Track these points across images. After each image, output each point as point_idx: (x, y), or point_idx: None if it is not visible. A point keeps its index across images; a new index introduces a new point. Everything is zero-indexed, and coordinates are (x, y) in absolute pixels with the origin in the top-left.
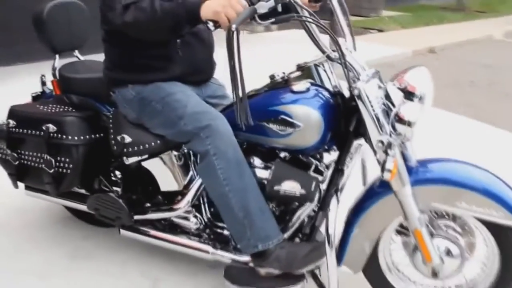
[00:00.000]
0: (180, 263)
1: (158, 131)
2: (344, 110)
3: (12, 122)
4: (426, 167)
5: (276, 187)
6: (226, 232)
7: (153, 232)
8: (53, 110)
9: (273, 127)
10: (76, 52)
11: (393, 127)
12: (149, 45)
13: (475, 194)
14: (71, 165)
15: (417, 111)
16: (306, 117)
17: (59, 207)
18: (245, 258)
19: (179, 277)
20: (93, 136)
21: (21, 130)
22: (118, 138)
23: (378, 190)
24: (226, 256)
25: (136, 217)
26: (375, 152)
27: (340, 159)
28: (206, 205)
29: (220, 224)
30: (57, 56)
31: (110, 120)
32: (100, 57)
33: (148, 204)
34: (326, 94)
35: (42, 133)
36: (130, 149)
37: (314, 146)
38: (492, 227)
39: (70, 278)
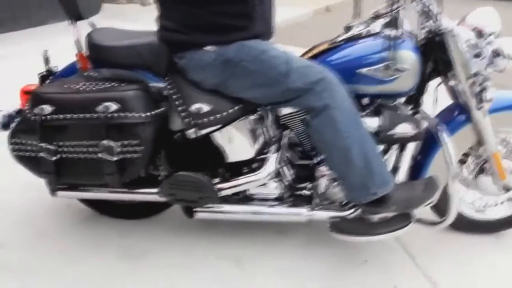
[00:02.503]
0: (246, 236)
1: (249, 93)
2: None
3: (47, 108)
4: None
5: (390, 132)
6: (306, 192)
7: (236, 207)
8: (100, 87)
9: (379, 74)
10: (91, 19)
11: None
12: (228, 3)
13: None
14: (139, 148)
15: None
16: (409, 61)
17: (70, 206)
18: (345, 212)
19: (256, 250)
20: (157, 110)
21: (63, 115)
22: (192, 108)
23: (457, 121)
24: (323, 215)
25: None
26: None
27: (417, 100)
28: (286, 167)
29: (301, 185)
30: (77, 24)
31: (173, 91)
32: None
33: (228, 177)
34: (413, 38)
35: (98, 114)
36: (207, 119)
37: (411, 89)
38: None
39: (140, 280)
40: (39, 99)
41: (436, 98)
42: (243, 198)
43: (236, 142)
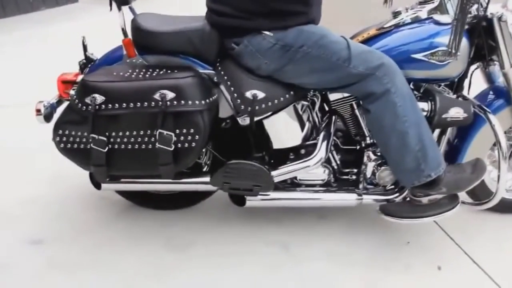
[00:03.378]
0: (289, 222)
1: (307, 79)
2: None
3: (99, 98)
4: None
5: (444, 115)
6: (352, 177)
7: (287, 194)
8: (153, 75)
9: (432, 59)
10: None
11: None
12: None
13: None
14: (196, 136)
15: None
16: (461, 47)
17: (104, 199)
18: (393, 195)
19: (301, 235)
20: (212, 98)
21: (117, 105)
22: (247, 95)
23: (495, 105)
24: (371, 199)
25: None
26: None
27: (460, 85)
28: (334, 152)
29: (346, 170)
30: (123, 9)
31: (226, 77)
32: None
33: (276, 164)
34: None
35: (155, 103)
36: (262, 106)
37: (460, 73)
38: None
39: (191, 269)
40: (90, 88)
41: (470, 82)
42: (291, 184)
43: (283, 129)
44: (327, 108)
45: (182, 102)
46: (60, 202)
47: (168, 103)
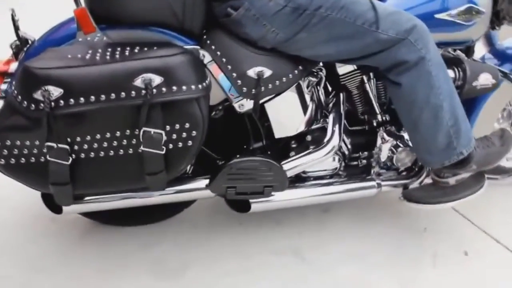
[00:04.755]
0: (292, 222)
1: (323, 49)
2: None
3: (55, 91)
4: None
5: (474, 83)
6: (362, 162)
7: (299, 192)
8: (126, 54)
9: (458, 18)
10: None
11: None
12: None
13: None
14: (193, 132)
15: None
16: (487, 3)
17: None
18: (416, 179)
19: (310, 236)
20: (207, 81)
21: (82, 99)
22: (250, 73)
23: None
24: (392, 184)
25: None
26: None
27: (470, 49)
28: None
29: (356, 155)
30: None
31: (219, 52)
32: None
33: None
34: None
35: (137, 92)
36: (268, 86)
37: (482, 35)
38: None
39: None
40: (40, 78)
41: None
42: (297, 179)
43: (283, 113)
44: (329, 86)
45: (174, 88)
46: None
47: (155, 90)
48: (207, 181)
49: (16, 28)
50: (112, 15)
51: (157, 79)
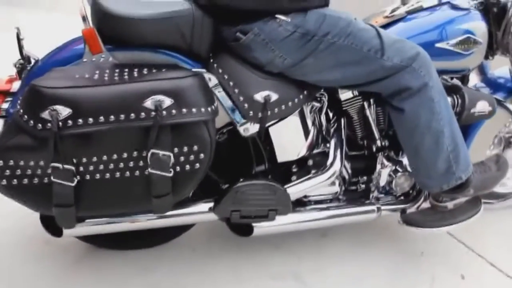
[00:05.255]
0: (290, 246)
1: (329, 75)
2: None
3: (64, 110)
4: None
5: (472, 110)
6: (361, 186)
7: (301, 216)
8: (134, 75)
9: (457, 48)
10: None
11: None
12: None
13: None
14: (201, 155)
15: None
16: (484, 34)
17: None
18: (414, 203)
19: (309, 260)
20: (215, 104)
21: (91, 119)
22: (257, 97)
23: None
24: (391, 209)
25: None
26: None
27: (467, 77)
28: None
29: (355, 180)
30: None
31: (227, 76)
32: None
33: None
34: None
35: (147, 113)
36: (275, 110)
37: (478, 64)
38: None
39: None
40: (48, 98)
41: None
42: (297, 203)
43: (284, 137)
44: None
45: (184, 110)
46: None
47: (165, 112)
48: (209, 205)
49: (21, 47)
50: (120, 37)
51: (167, 101)
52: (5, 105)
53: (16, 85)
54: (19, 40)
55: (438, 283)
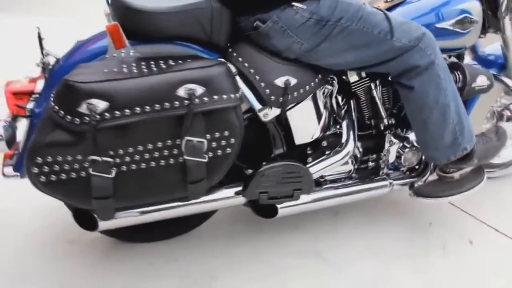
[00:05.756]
0: (307, 226)
1: (342, 58)
2: None
3: (101, 104)
4: None
5: (473, 85)
6: (372, 164)
7: (322, 194)
8: (162, 67)
9: (456, 27)
10: None
11: None
12: None
13: None
14: (232, 140)
15: None
16: (479, 13)
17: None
18: (423, 176)
19: (327, 238)
20: (241, 90)
21: (128, 111)
22: (278, 82)
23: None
24: (401, 183)
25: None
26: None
27: (461, 55)
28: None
29: (367, 157)
30: None
31: (247, 64)
32: None
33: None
34: None
35: (180, 102)
36: (294, 94)
37: (475, 41)
38: None
39: None
40: (84, 92)
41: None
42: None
43: (300, 120)
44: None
45: (215, 97)
46: (18, 261)
47: (197, 100)
48: (235, 189)
49: (42, 46)
50: (143, 31)
51: (199, 89)
52: (30, 105)
53: (39, 85)
54: (40, 39)
55: (449, 249)
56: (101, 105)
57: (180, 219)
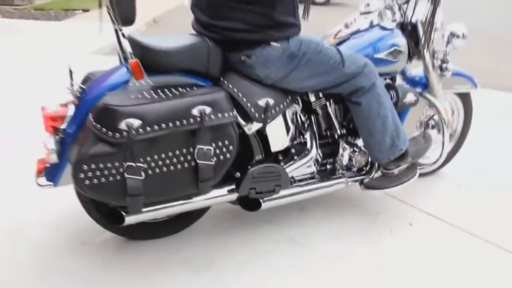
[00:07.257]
0: (279, 218)
1: (307, 82)
2: None
3: (136, 122)
4: None
5: (404, 100)
6: (329, 166)
7: (295, 190)
8: (177, 93)
9: (389, 57)
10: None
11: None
12: (285, 3)
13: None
14: (230, 147)
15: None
16: (404, 45)
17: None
18: (370, 174)
19: (297, 228)
20: (235, 110)
21: (156, 127)
22: (260, 103)
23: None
24: (354, 180)
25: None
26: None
27: (393, 78)
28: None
29: (326, 161)
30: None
31: (236, 89)
32: None
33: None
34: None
35: (194, 119)
36: (272, 112)
37: (403, 67)
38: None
39: (226, 284)
40: (123, 113)
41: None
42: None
43: (275, 132)
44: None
45: (219, 115)
46: (42, 261)
47: (206, 118)
48: (227, 188)
49: (72, 78)
50: (157, 65)
51: (208, 109)
52: (63, 126)
53: (70, 110)
54: (71, 73)
55: (395, 231)
56: (136, 123)
57: (180, 218)
